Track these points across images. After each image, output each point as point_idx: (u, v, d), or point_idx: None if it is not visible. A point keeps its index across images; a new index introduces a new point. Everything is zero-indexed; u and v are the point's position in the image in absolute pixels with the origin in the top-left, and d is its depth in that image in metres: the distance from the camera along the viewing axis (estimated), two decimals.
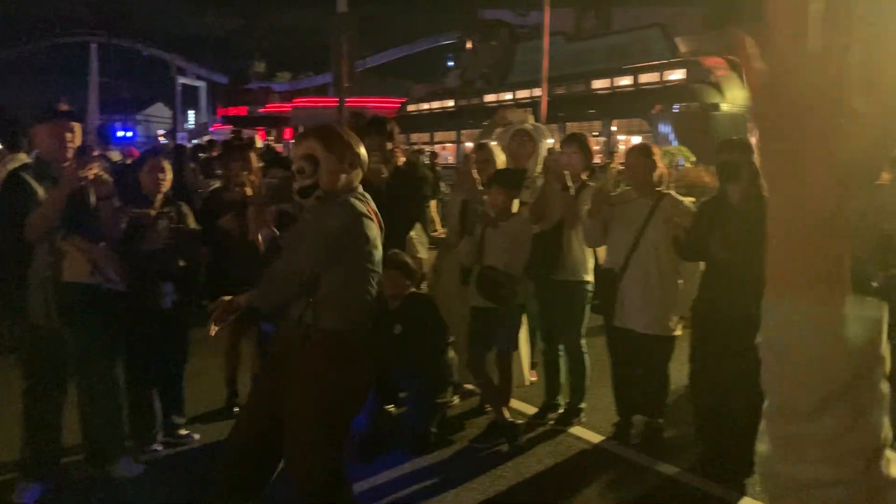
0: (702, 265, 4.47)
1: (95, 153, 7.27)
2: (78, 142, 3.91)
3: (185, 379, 4.67)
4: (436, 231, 13.54)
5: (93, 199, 3.86)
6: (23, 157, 6.95)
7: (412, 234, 5.17)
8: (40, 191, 3.71)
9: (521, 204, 4.82)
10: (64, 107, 3.97)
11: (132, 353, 4.25)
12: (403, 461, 4.37)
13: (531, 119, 5.56)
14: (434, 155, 19.22)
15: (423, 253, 5.29)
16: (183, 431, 4.63)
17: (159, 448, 4.44)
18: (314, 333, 2.93)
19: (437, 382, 4.70)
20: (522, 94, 26.99)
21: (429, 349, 4.63)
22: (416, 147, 24.22)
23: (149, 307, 4.27)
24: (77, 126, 3.88)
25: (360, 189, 3.14)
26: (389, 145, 5.12)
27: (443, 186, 13.56)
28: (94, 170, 3.71)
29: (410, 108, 35.43)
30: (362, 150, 3.10)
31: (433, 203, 14.02)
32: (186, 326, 4.60)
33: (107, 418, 4.08)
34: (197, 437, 4.65)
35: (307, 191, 2.97)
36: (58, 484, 3.93)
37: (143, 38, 69.77)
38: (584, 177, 4.92)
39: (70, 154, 3.83)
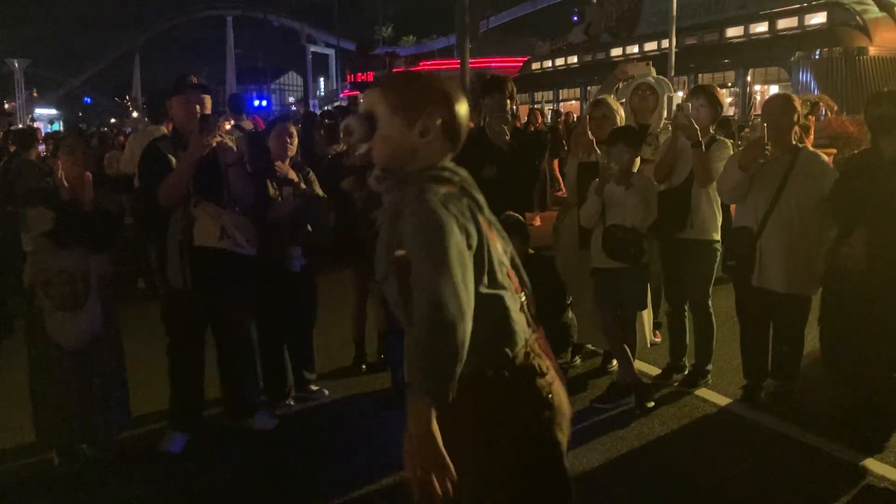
0: None
1: (229, 123, 7.62)
2: (207, 112, 4.09)
3: (314, 337, 4.87)
4: (560, 191, 13.42)
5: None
6: (163, 130, 7.39)
7: None
8: (174, 160, 3.93)
9: (643, 161, 4.67)
10: (195, 79, 4.16)
11: (264, 313, 4.48)
12: None
13: (653, 72, 5.33)
14: (557, 114, 18.93)
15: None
16: (314, 387, 4.84)
17: (292, 403, 4.67)
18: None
19: (556, 343, 4.67)
20: (650, 46, 26.04)
21: (547, 310, 4.61)
22: (537, 106, 23.90)
23: (277, 270, 4.46)
24: (207, 98, 4.06)
25: (448, 169, 2.07)
26: (510, 104, 5.08)
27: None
28: (217, 137, 3.88)
29: (534, 66, 34.92)
30: (460, 111, 2.06)
31: (556, 162, 13.88)
32: (315, 288, 4.79)
33: (243, 375, 4.33)
34: (327, 392, 4.86)
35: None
36: (200, 435, 4.21)
37: (274, 8, 72.03)
38: (711, 130, 4.71)
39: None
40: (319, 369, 4.97)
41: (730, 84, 22.43)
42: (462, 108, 2.06)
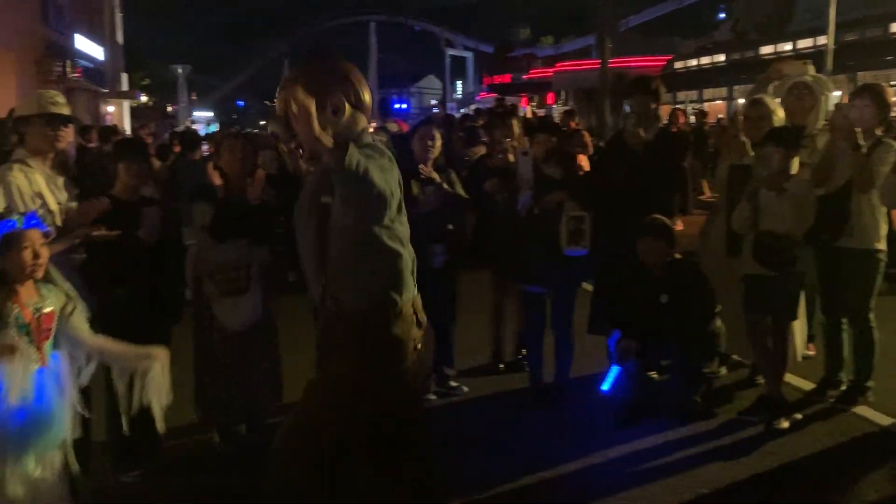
0: None
1: (372, 125, 7.87)
2: None
3: (453, 334, 4.95)
4: (702, 195, 12.95)
5: None
6: None
7: None
8: None
9: (801, 165, 4.45)
10: None
11: None
12: (666, 429, 4.29)
13: (811, 70, 5.06)
14: (702, 114, 18.28)
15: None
16: (454, 383, 4.93)
17: (432, 397, 4.78)
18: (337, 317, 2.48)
19: (702, 351, 4.54)
20: (804, 43, 24.72)
21: (695, 317, 4.48)
22: (680, 106, 23.18)
23: (420, 267, 4.57)
24: None
25: (367, 139, 2.47)
26: (655, 105, 4.97)
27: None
28: None
29: (677, 65, 33.91)
30: (358, 83, 2.44)
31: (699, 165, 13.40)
32: (455, 285, 4.88)
33: None
34: (466, 389, 4.93)
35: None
36: None
37: (415, 13, 73.55)
38: (878, 132, 4.43)
39: None
40: (458, 366, 5.05)
41: (894, 83, 20.90)
42: (357, 77, 2.43)
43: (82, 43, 24.12)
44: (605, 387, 4.75)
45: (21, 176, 3.44)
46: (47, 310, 2.79)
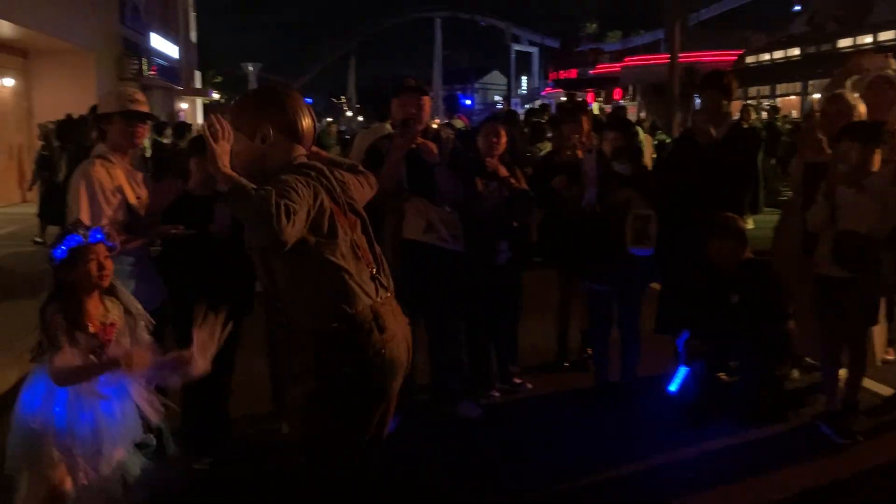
0: None
1: (436, 122, 7.91)
2: (425, 114, 4.29)
3: (518, 331, 4.94)
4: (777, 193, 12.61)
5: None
6: (388, 127, 7.82)
7: None
8: None
9: (883, 162, 4.29)
10: (411, 82, 4.39)
11: (470, 305, 4.61)
12: (733, 432, 4.21)
13: (894, 64, 4.86)
14: (776, 109, 17.79)
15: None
16: (517, 380, 4.92)
17: (496, 394, 4.78)
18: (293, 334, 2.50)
19: (774, 353, 4.42)
20: (886, 35, 23.79)
21: (766, 318, 4.37)
22: (752, 102, 22.58)
23: (485, 263, 4.59)
24: (424, 99, 4.27)
25: (301, 161, 2.44)
26: (726, 101, 4.86)
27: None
28: (418, 139, 4.10)
29: (749, 59, 33.07)
30: (289, 111, 2.45)
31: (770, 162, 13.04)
32: (520, 282, 4.87)
33: (445, 365, 4.48)
34: (530, 386, 4.92)
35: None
36: (409, 418, 4.40)
37: (481, 9, 73.43)
38: None
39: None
40: (523, 363, 5.03)
41: None
42: (291, 108, 2.45)
43: (157, 42, 24.87)
44: (673, 387, 4.68)
45: (103, 171, 3.57)
46: (111, 320, 2.91)
